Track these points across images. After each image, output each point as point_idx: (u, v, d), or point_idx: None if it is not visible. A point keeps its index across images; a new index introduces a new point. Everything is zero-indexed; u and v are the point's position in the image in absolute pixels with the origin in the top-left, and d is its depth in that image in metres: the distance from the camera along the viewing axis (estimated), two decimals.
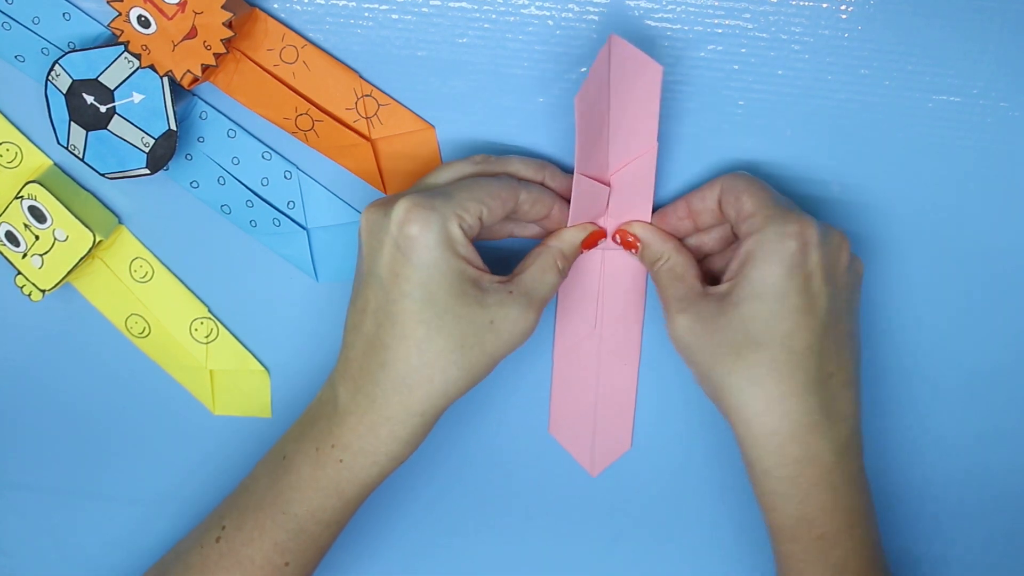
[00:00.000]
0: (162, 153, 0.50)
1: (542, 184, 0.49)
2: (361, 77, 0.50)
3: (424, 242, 0.44)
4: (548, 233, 0.50)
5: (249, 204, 0.53)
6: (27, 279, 0.54)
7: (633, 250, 0.50)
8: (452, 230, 0.44)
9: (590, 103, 0.44)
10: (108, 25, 0.48)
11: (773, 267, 0.44)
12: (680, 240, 0.50)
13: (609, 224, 0.50)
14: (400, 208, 0.44)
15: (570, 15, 0.48)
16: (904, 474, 0.56)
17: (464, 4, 0.49)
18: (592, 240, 0.50)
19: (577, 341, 0.53)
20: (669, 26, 0.48)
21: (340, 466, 0.47)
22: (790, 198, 0.49)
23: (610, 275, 0.52)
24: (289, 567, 0.49)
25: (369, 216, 0.46)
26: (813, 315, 0.44)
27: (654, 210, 0.50)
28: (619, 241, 0.50)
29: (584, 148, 0.46)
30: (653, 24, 0.48)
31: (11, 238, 0.53)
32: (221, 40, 0.47)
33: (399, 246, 0.44)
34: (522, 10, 0.48)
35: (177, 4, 0.47)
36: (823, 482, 0.45)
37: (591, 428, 0.55)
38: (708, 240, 0.50)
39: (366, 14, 0.49)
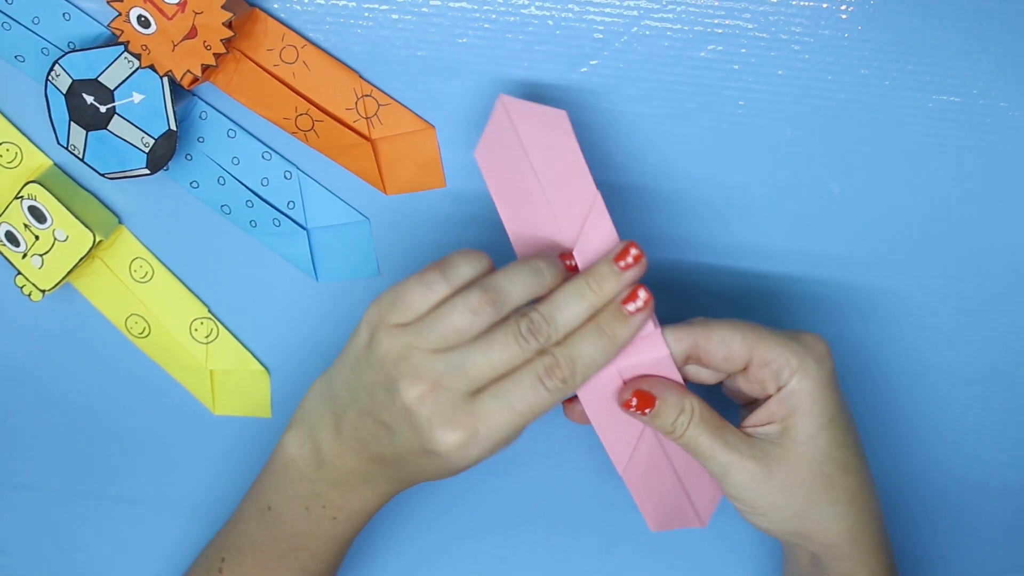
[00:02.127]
0: (162, 153, 0.50)
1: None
2: (361, 77, 0.50)
3: (466, 463, 0.44)
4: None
5: (249, 204, 0.53)
6: (27, 279, 0.54)
7: (649, 408, 0.44)
8: (499, 448, 0.44)
9: (501, 167, 0.43)
10: (108, 25, 0.48)
11: (828, 394, 0.44)
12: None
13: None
14: (451, 440, 0.43)
15: (570, 15, 0.48)
16: (904, 474, 0.56)
17: (464, 4, 0.49)
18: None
19: (632, 447, 0.48)
20: (669, 26, 0.48)
21: (334, 522, 0.49)
22: (791, 203, 0.49)
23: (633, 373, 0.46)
24: None
25: (419, 404, 0.44)
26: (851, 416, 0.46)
27: None
28: (636, 402, 0.44)
29: (519, 222, 0.44)
30: (653, 24, 0.48)
31: (11, 238, 0.53)
32: (221, 40, 0.47)
33: (433, 454, 0.44)
34: (522, 10, 0.48)
35: (177, 4, 0.47)
36: (882, 543, 0.48)
37: (686, 498, 0.49)
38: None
39: (366, 14, 0.49)
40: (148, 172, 0.51)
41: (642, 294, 0.44)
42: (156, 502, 0.60)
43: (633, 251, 0.44)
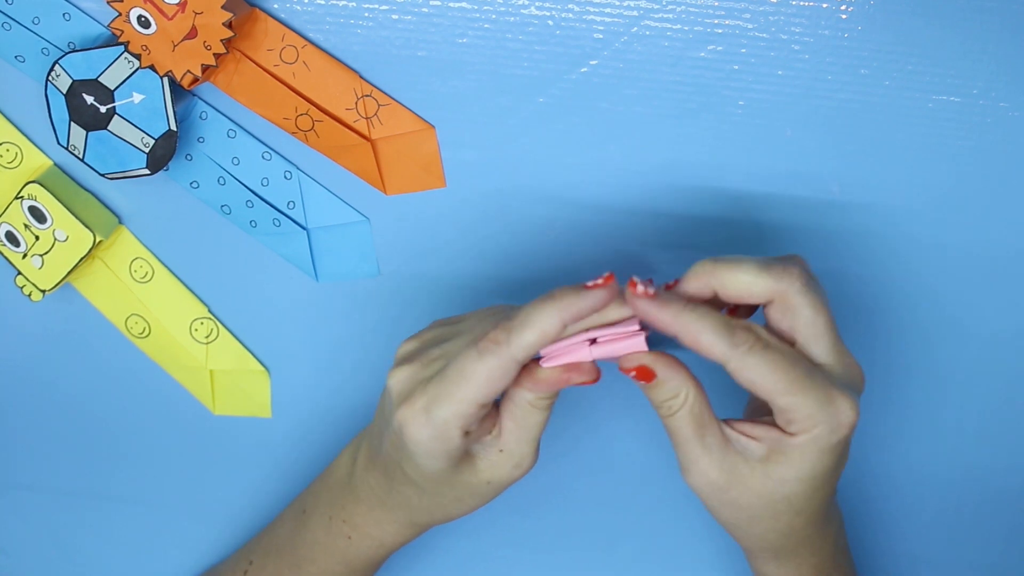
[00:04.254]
0: (162, 153, 0.50)
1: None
2: (361, 77, 0.50)
3: (419, 449, 0.42)
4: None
5: (249, 204, 0.53)
6: (27, 279, 0.54)
7: (645, 381, 0.42)
8: (448, 433, 0.41)
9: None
10: (108, 25, 0.48)
11: (824, 458, 0.42)
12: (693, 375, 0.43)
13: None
14: (400, 413, 0.42)
15: (570, 15, 0.48)
16: (903, 475, 0.56)
17: (464, 4, 0.49)
18: (571, 372, 0.42)
19: None
20: (669, 26, 0.48)
21: (348, 541, 0.49)
22: (791, 203, 0.49)
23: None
24: None
25: (392, 379, 0.43)
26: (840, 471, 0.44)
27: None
28: (635, 374, 0.42)
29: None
30: (653, 24, 0.48)
31: (11, 238, 0.53)
32: (221, 40, 0.47)
33: (398, 437, 0.43)
34: (522, 10, 0.48)
35: (177, 4, 0.47)
36: (809, 563, 0.47)
37: None
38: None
39: (366, 14, 0.49)
40: (148, 172, 0.51)
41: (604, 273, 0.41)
42: (156, 502, 0.60)
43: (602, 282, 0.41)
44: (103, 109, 0.50)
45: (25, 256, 0.53)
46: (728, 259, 0.41)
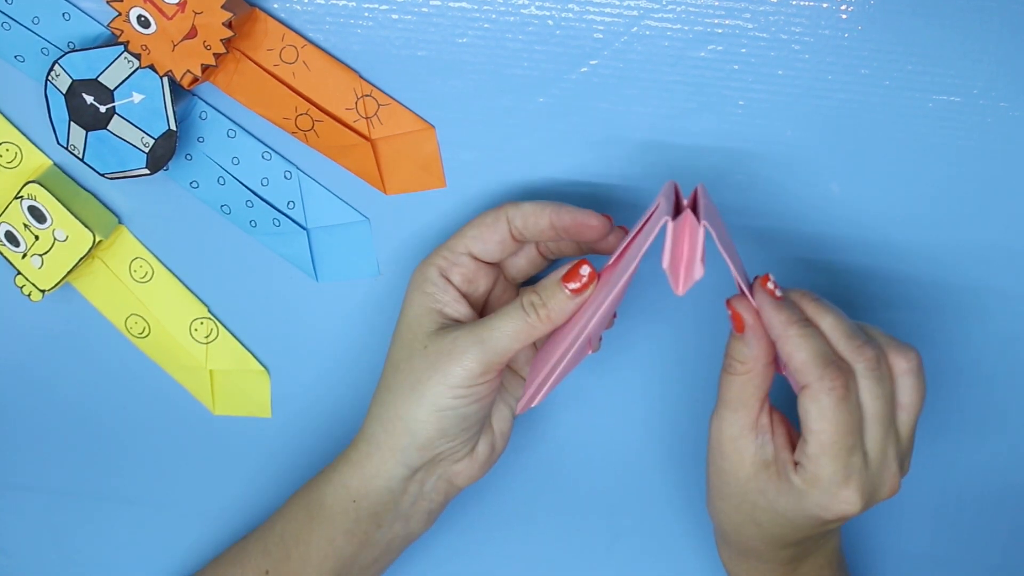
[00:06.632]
0: (162, 153, 0.50)
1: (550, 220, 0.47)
2: (361, 77, 0.50)
3: (409, 288, 0.49)
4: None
5: (249, 204, 0.53)
6: (27, 279, 0.54)
7: (735, 329, 0.43)
8: (427, 272, 0.48)
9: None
10: (108, 25, 0.48)
11: (808, 517, 0.44)
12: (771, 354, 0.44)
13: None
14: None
15: (570, 15, 0.48)
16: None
17: (464, 4, 0.49)
18: (572, 276, 0.45)
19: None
20: (669, 26, 0.48)
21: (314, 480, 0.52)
22: (791, 203, 0.49)
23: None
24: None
25: None
26: None
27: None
28: (731, 314, 0.43)
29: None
30: (653, 24, 0.48)
31: (11, 238, 0.53)
32: (221, 40, 0.47)
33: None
34: (522, 10, 0.48)
35: (177, 4, 0.47)
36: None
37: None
38: None
39: (366, 14, 0.49)
40: (148, 172, 0.51)
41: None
42: (156, 502, 0.60)
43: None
44: (103, 109, 0.50)
45: (25, 256, 0.53)
46: (800, 329, 0.42)
